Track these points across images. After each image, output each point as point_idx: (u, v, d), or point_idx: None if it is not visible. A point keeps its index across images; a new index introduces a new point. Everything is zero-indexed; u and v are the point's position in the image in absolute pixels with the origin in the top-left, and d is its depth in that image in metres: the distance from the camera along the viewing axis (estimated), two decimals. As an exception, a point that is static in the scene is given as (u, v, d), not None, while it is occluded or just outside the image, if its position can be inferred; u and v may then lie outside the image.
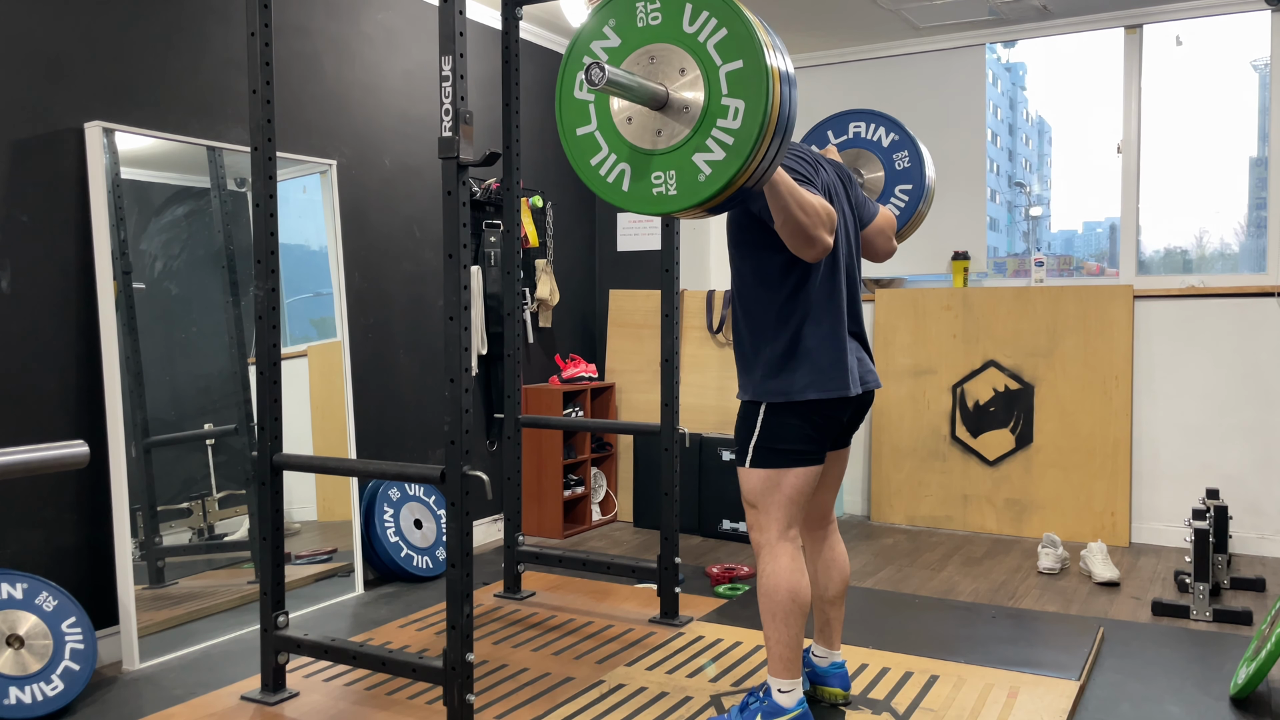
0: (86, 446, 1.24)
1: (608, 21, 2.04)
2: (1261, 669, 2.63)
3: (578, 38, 2.08)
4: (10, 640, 2.71)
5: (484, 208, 4.64)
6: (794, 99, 1.96)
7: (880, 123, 3.01)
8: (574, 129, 2.10)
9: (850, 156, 3.03)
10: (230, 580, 3.50)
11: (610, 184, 2.06)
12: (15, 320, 2.94)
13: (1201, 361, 4.59)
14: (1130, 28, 4.85)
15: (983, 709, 2.65)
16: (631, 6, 2.01)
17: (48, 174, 3.01)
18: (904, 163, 2.98)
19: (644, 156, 2.02)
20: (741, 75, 1.90)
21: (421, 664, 2.52)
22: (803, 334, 2.35)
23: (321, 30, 3.90)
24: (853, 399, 2.42)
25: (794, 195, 2.11)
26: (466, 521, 2.40)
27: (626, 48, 2.02)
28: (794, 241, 2.17)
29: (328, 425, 3.89)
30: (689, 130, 1.96)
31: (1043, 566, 4.17)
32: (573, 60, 2.09)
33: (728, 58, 1.92)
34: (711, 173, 1.94)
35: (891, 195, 3.00)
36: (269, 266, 2.72)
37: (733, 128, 1.91)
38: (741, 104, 1.90)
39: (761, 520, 2.39)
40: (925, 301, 5.07)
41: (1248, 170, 4.74)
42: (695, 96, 1.95)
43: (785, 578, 2.34)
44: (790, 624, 2.34)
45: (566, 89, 2.11)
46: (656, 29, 1.99)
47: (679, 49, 1.96)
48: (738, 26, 1.90)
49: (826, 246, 2.18)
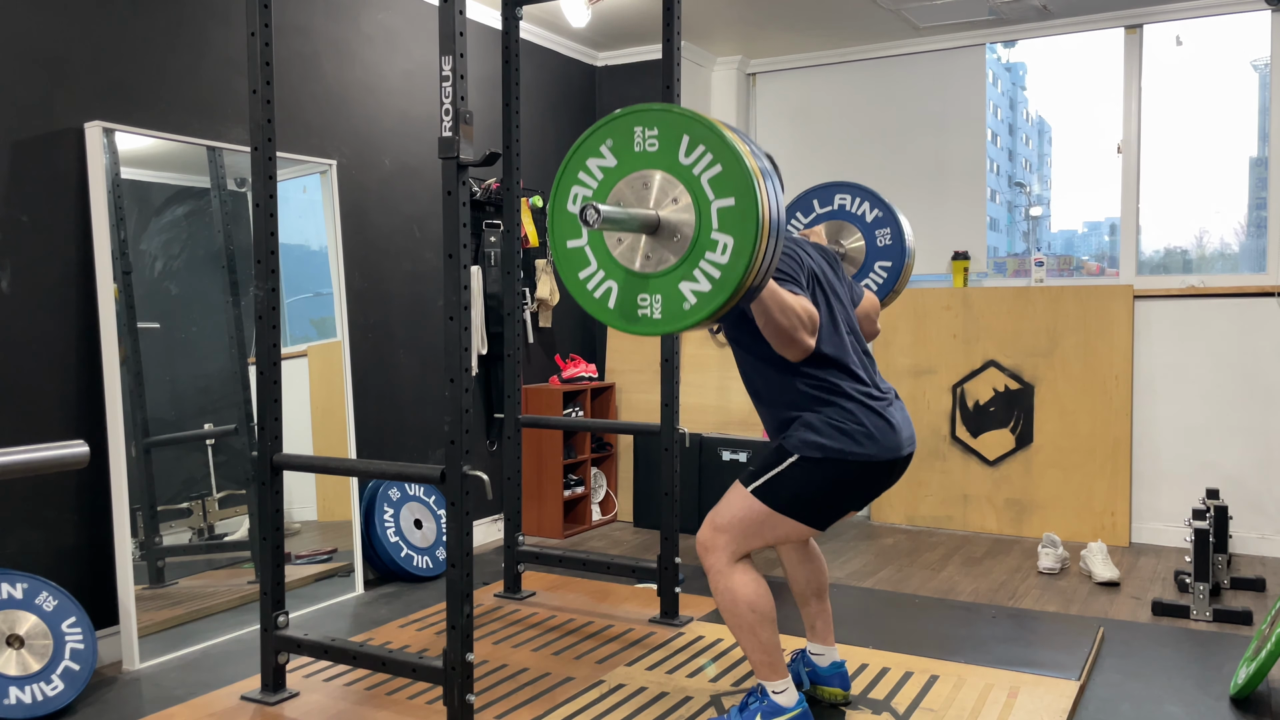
0: (86, 446, 1.24)
1: (605, 141, 2.04)
2: (1261, 669, 2.63)
3: (574, 153, 2.08)
4: (10, 640, 2.71)
5: (484, 208, 4.64)
6: (783, 230, 1.97)
7: (865, 198, 3.07)
8: (564, 241, 2.11)
9: (833, 227, 3.08)
10: (230, 580, 3.50)
11: (596, 300, 2.08)
12: (15, 320, 2.94)
13: (1201, 361, 4.59)
14: (1130, 28, 4.85)
15: (983, 709, 2.65)
16: (630, 130, 2.01)
17: (48, 174, 3.01)
18: (885, 239, 3.04)
19: (632, 277, 2.03)
20: (733, 212, 1.90)
21: (421, 664, 2.52)
22: (835, 395, 2.30)
23: (321, 30, 3.90)
24: (896, 462, 2.35)
25: (775, 298, 2.12)
26: (466, 521, 2.40)
27: (622, 170, 2.03)
28: (775, 342, 2.19)
29: (328, 425, 3.89)
30: (677, 259, 1.97)
31: (1043, 566, 4.17)
32: (567, 174, 2.09)
33: (720, 193, 1.92)
34: (696, 303, 1.95)
35: (871, 271, 3.06)
36: (269, 266, 2.72)
37: (721, 262, 1.92)
38: (731, 241, 1.90)
39: (720, 542, 2.36)
40: (925, 301, 5.07)
41: (1248, 170, 4.74)
42: (686, 227, 1.96)
43: (741, 593, 2.34)
44: (759, 633, 2.35)
45: (560, 203, 2.11)
46: (653, 156, 1.99)
47: (673, 178, 1.97)
48: (732, 165, 1.90)
49: (808, 348, 2.19)
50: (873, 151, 5.48)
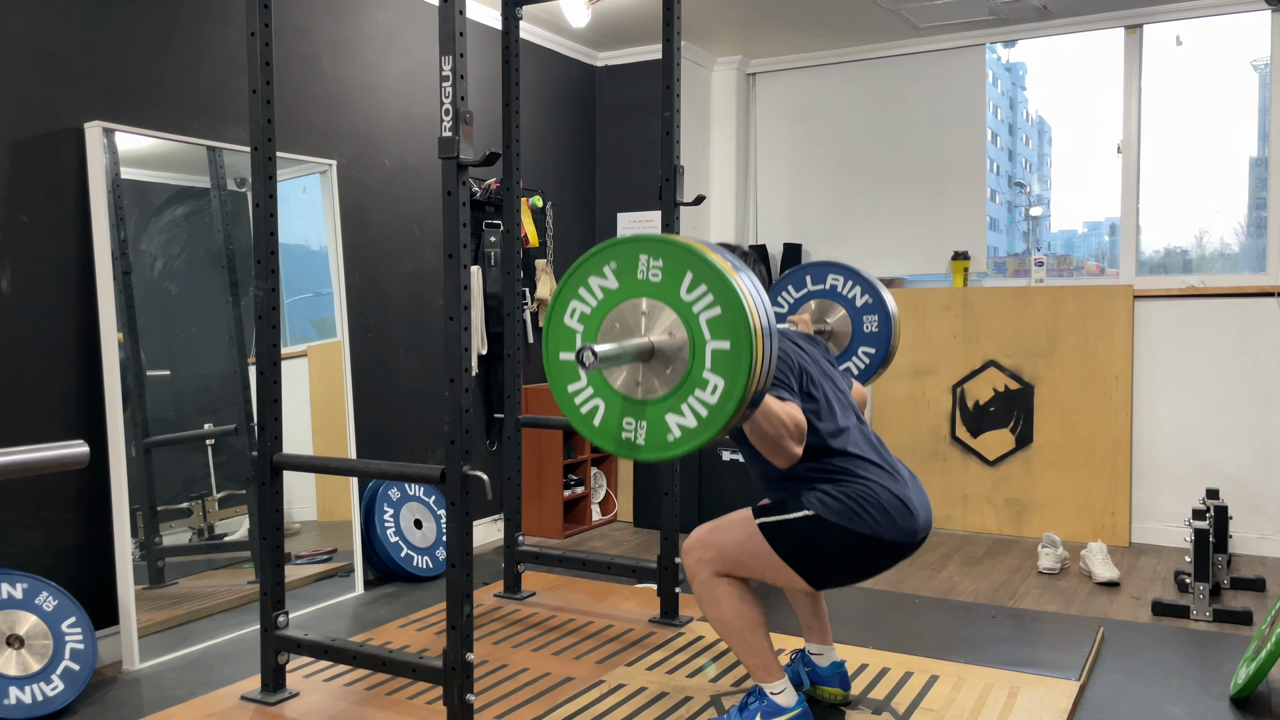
0: (86, 446, 1.24)
1: (609, 262, 2.03)
2: (1261, 669, 2.63)
3: (578, 269, 2.06)
4: (10, 640, 2.71)
5: (484, 208, 4.64)
6: (773, 371, 1.96)
7: (858, 282, 3.10)
8: (557, 353, 2.10)
9: (822, 306, 3.12)
10: (230, 580, 3.50)
11: (582, 415, 2.07)
12: (15, 320, 2.94)
13: (1201, 361, 4.59)
14: (1130, 28, 4.85)
15: (983, 709, 2.65)
16: (635, 257, 2.00)
17: (48, 174, 3.01)
18: (872, 326, 3.07)
19: (619, 399, 2.02)
20: (726, 356, 1.90)
21: (421, 664, 2.52)
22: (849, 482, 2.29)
23: (321, 30, 3.90)
24: (915, 544, 2.34)
25: (762, 409, 2.11)
26: (466, 521, 2.40)
27: (622, 294, 2.02)
28: (761, 449, 2.18)
29: (328, 425, 3.89)
30: (666, 391, 1.97)
31: (1043, 566, 4.17)
32: (568, 289, 2.08)
33: (716, 335, 1.91)
34: (681, 436, 1.95)
35: (854, 354, 3.08)
36: (269, 266, 2.72)
37: (709, 402, 1.92)
38: (722, 383, 1.90)
39: (708, 557, 2.36)
40: (925, 301, 5.07)
41: (1248, 170, 4.74)
42: (679, 362, 1.95)
43: (726, 603, 2.35)
44: (748, 639, 2.35)
45: (557, 315, 2.10)
46: (654, 286, 1.98)
47: (672, 311, 1.96)
48: (731, 308, 1.89)
49: (794, 456, 2.18)
50: (873, 151, 5.48)
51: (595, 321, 2.04)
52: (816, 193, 5.65)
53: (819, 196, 5.64)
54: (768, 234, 5.76)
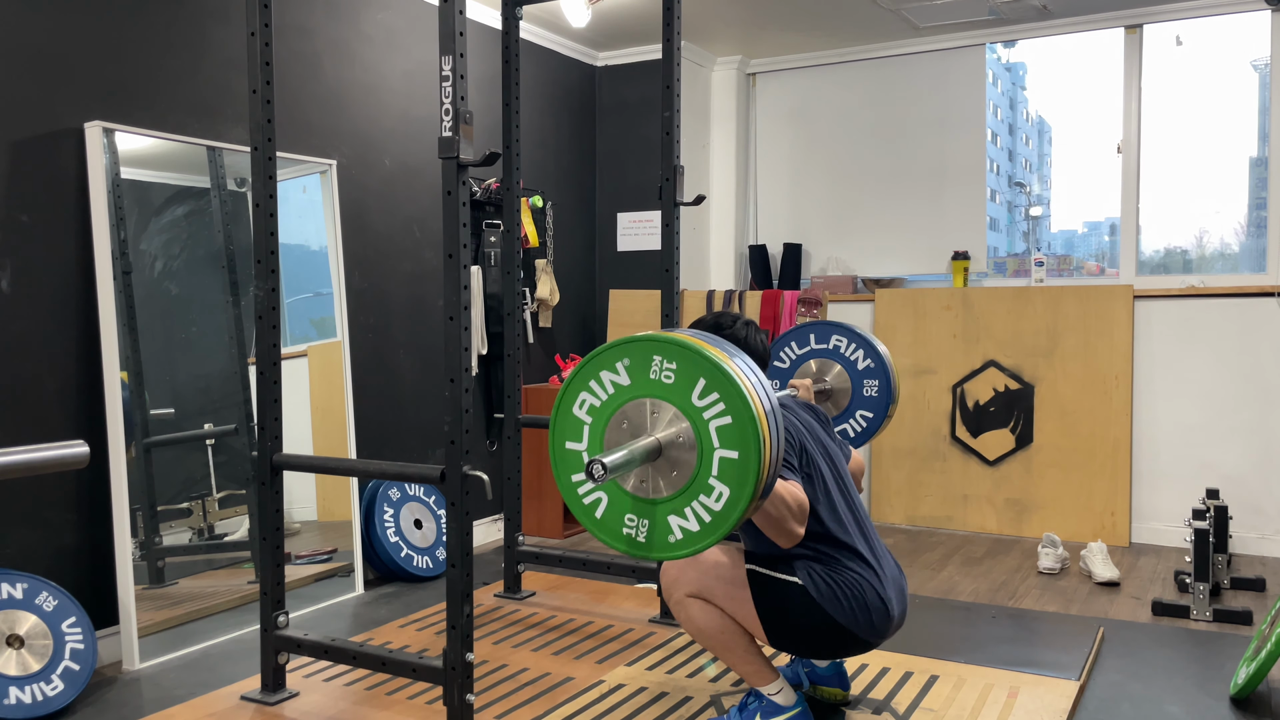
0: (86, 446, 1.24)
1: (622, 359, 2.02)
2: (1261, 669, 2.63)
3: (590, 362, 2.05)
4: (10, 640, 2.71)
5: (484, 208, 4.64)
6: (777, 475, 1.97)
7: (861, 345, 3.12)
8: (564, 442, 2.09)
9: (823, 365, 3.15)
10: (230, 580, 3.50)
11: (585, 505, 2.06)
12: (15, 320, 2.94)
13: (1201, 361, 4.59)
14: (1130, 28, 4.85)
15: (983, 709, 2.65)
16: (649, 357, 1.99)
17: (48, 174, 3.01)
18: (872, 391, 3.09)
19: (623, 495, 2.02)
20: (734, 465, 1.89)
21: (421, 664, 2.52)
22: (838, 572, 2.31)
23: (321, 30, 3.90)
24: (884, 639, 2.38)
25: None
26: (466, 521, 2.40)
27: (633, 391, 2.01)
28: (764, 529, 2.18)
29: (328, 425, 3.89)
30: (671, 493, 1.96)
31: (1043, 566, 4.17)
32: (579, 380, 2.07)
33: (725, 444, 1.90)
34: (683, 539, 1.95)
35: (852, 417, 3.11)
36: (269, 266, 2.72)
37: (714, 509, 1.91)
38: (727, 492, 1.90)
39: (689, 577, 2.38)
40: (925, 301, 5.07)
41: (1248, 170, 4.74)
42: (685, 466, 1.95)
43: (703, 623, 2.37)
44: (732, 647, 2.37)
45: (566, 404, 2.09)
46: (666, 387, 1.97)
47: (681, 415, 1.96)
48: (741, 417, 1.88)
49: (797, 536, 2.19)
50: (873, 151, 5.48)
51: (604, 416, 2.03)
52: (816, 193, 5.65)
53: (819, 196, 5.64)
54: (768, 234, 5.76)
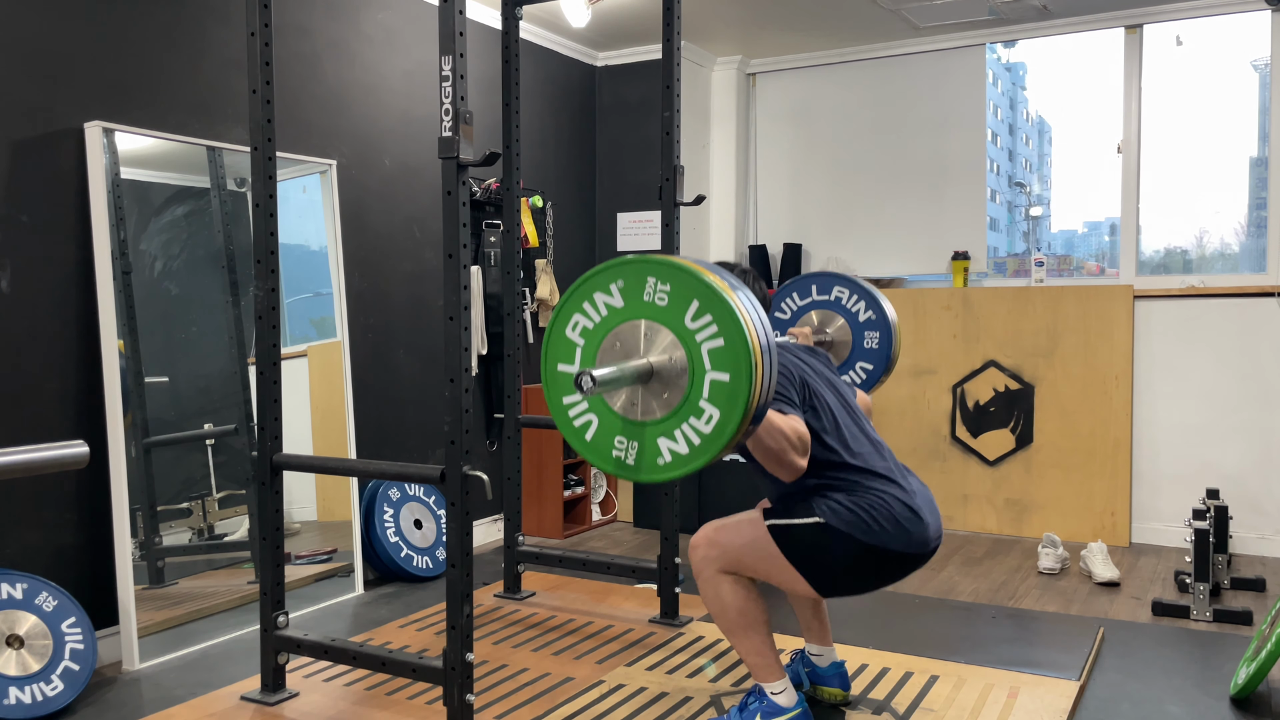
0: (86, 446, 1.24)
1: (617, 280, 2.02)
2: (1261, 669, 2.63)
3: (583, 283, 2.06)
4: (10, 640, 2.71)
5: (484, 208, 4.64)
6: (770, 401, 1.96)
7: (863, 297, 3.09)
8: (556, 364, 2.10)
9: (823, 315, 3.11)
10: (230, 580, 3.50)
11: (575, 428, 2.07)
12: (15, 320, 2.94)
13: (1201, 361, 4.59)
14: (1130, 28, 4.85)
15: (983, 709, 2.65)
16: (643, 279, 1.99)
17: (48, 174, 3.01)
18: (873, 343, 3.06)
19: (613, 418, 2.02)
20: (725, 388, 1.89)
21: (421, 664, 2.52)
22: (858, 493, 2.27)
23: (321, 30, 3.90)
24: (927, 554, 2.31)
25: (764, 424, 2.10)
26: (466, 521, 2.40)
27: (627, 313, 2.01)
28: (765, 463, 2.17)
29: (328, 425, 3.89)
30: (662, 415, 1.96)
31: (1043, 566, 4.17)
32: (572, 301, 2.07)
33: (717, 366, 1.91)
34: (671, 461, 1.96)
35: (852, 368, 3.08)
36: (269, 266, 2.72)
37: (704, 431, 1.92)
38: (717, 414, 1.90)
39: (713, 555, 2.36)
40: (925, 301, 5.07)
41: (1248, 170, 4.74)
42: (676, 388, 1.95)
43: (729, 600, 2.35)
44: (750, 636, 2.35)
45: (559, 326, 2.10)
46: (660, 310, 1.97)
47: (675, 337, 1.96)
48: (734, 340, 1.89)
49: (799, 469, 2.17)
50: (873, 151, 5.48)
51: (597, 337, 2.04)
52: (816, 193, 5.65)
53: (819, 196, 5.64)
54: (768, 234, 5.76)
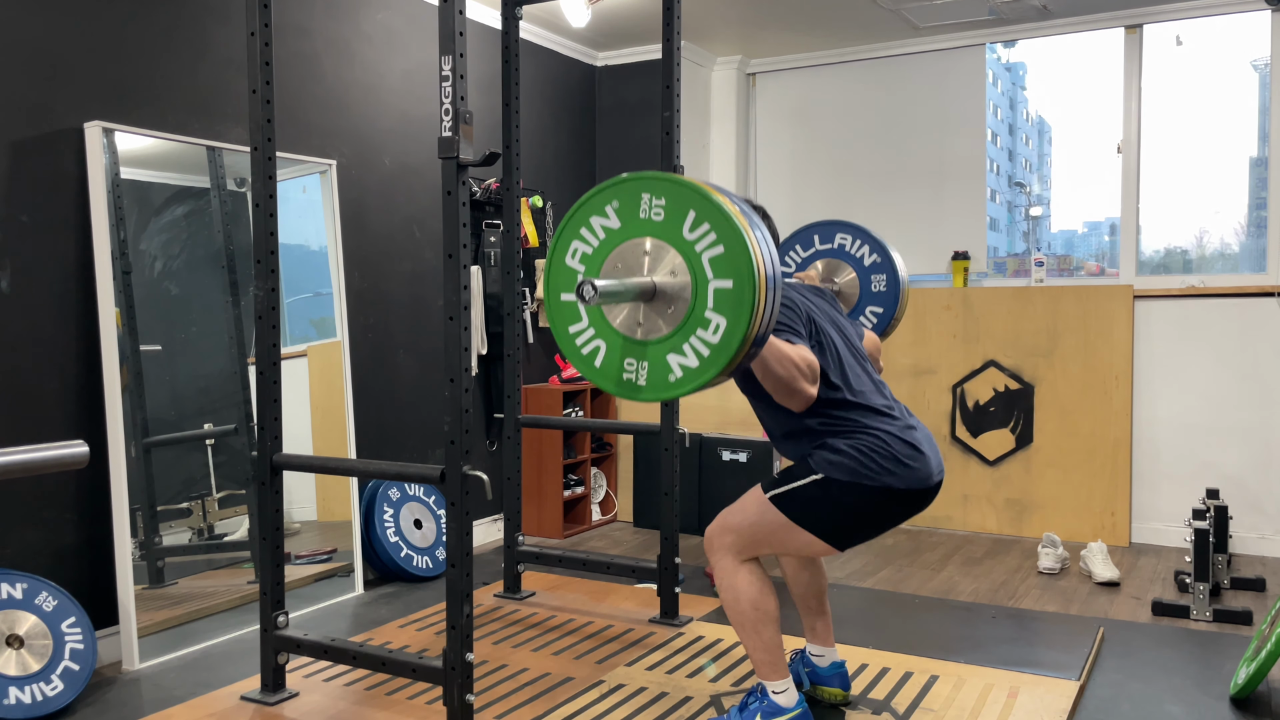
0: (86, 446, 1.24)
1: (611, 201, 2.02)
2: (1261, 669, 2.63)
3: (579, 209, 2.06)
4: (10, 640, 2.71)
5: (484, 208, 4.64)
6: (776, 313, 1.96)
7: (866, 241, 3.07)
8: (558, 293, 2.10)
9: (830, 265, 3.09)
10: (230, 580, 3.50)
11: (584, 356, 2.07)
12: (15, 320, 2.94)
13: (1201, 361, 4.59)
14: (1130, 28, 4.85)
15: (983, 709, 2.65)
16: (637, 196, 1.99)
17: (48, 174, 3.01)
18: (880, 286, 3.04)
19: (620, 340, 2.02)
20: (729, 295, 1.89)
21: (421, 664, 2.52)
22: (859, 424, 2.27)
23: (321, 30, 3.90)
24: (927, 491, 2.31)
25: (773, 351, 2.11)
26: (466, 521, 2.40)
27: (624, 233, 2.01)
28: (776, 394, 2.16)
29: (328, 425, 3.89)
30: (668, 331, 1.96)
31: (1043, 566, 4.17)
32: (569, 228, 2.07)
33: (719, 274, 1.90)
34: (682, 376, 1.95)
35: (862, 314, 3.07)
36: (269, 266, 2.72)
37: (711, 341, 1.91)
38: (724, 321, 1.89)
39: (728, 541, 2.37)
40: (925, 301, 5.07)
41: (1248, 170, 4.74)
42: (681, 301, 1.95)
43: (744, 591, 2.34)
44: (760, 631, 2.35)
45: (559, 254, 2.10)
46: (656, 225, 1.97)
47: (675, 250, 1.95)
48: (735, 246, 1.89)
49: (809, 397, 2.17)
50: (873, 151, 5.48)
51: (597, 262, 2.03)
52: (816, 193, 5.65)
53: (819, 196, 5.64)
54: (768, 234, 5.75)
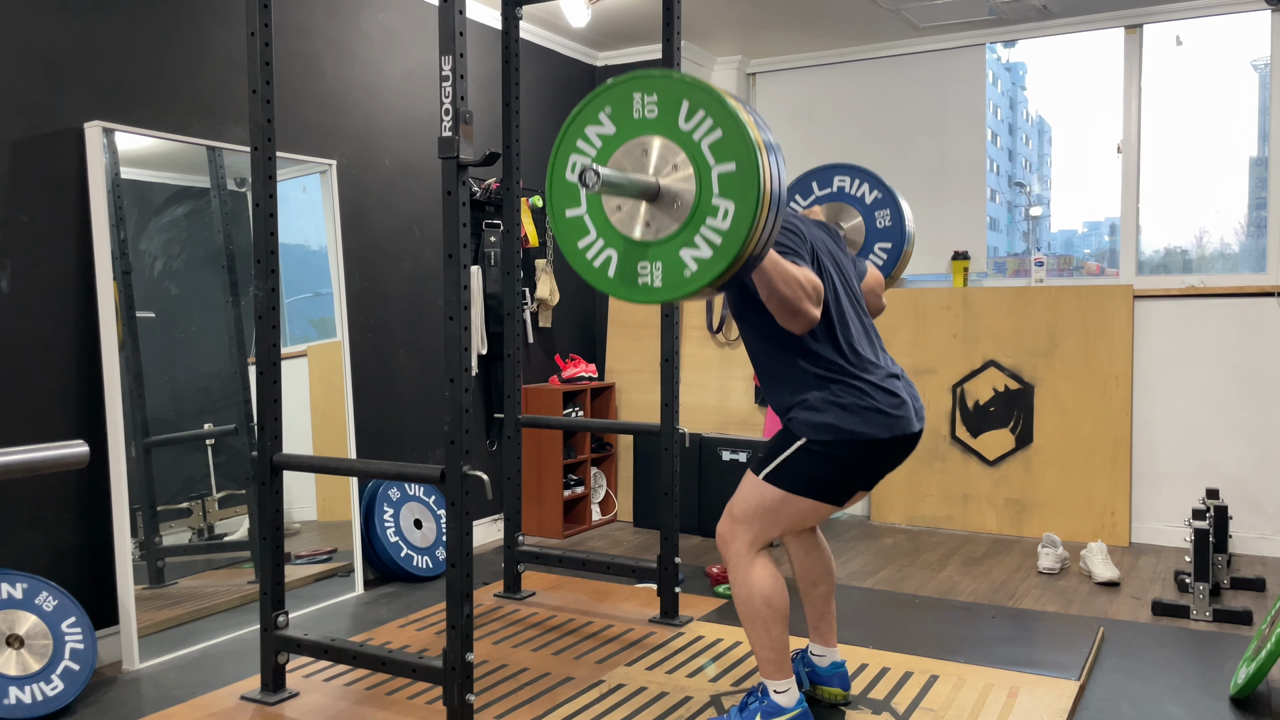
0: (86, 446, 1.24)
1: (604, 108, 2.02)
2: (1261, 669, 2.63)
3: (572, 121, 2.06)
4: (10, 640, 2.71)
5: (484, 208, 4.64)
6: (784, 198, 1.96)
7: (864, 179, 3.05)
8: (563, 210, 2.10)
9: (832, 209, 3.06)
10: (230, 580, 3.50)
11: (596, 269, 2.06)
12: (15, 320, 2.94)
13: (1201, 361, 4.59)
14: (1130, 28, 4.85)
15: (983, 709, 2.65)
16: (629, 97, 1.99)
17: (48, 174, 3.01)
18: (885, 221, 3.02)
19: (631, 246, 2.02)
20: (734, 178, 1.89)
21: (421, 664, 2.52)
22: (844, 373, 2.29)
23: (321, 30, 3.90)
24: (909, 438, 2.33)
25: (778, 270, 2.11)
26: (466, 521, 2.40)
27: (621, 137, 2.01)
28: (780, 314, 2.17)
29: (328, 425, 3.89)
30: (678, 226, 1.95)
31: (1043, 566, 4.17)
32: (565, 143, 2.08)
33: (721, 159, 1.90)
34: (697, 269, 1.94)
35: (871, 252, 3.04)
36: (269, 266, 2.72)
37: (721, 228, 1.91)
38: (732, 206, 1.89)
39: (738, 531, 2.38)
40: (925, 301, 5.07)
41: (1248, 170, 4.74)
42: (686, 193, 1.94)
43: (758, 585, 2.35)
44: (769, 628, 2.35)
45: (558, 171, 2.09)
46: (652, 122, 1.97)
47: (673, 144, 1.95)
48: (733, 129, 1.89)
49: (813, 319, 2.17)
50: (873, 151, 5.47)
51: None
52: (816, 193, 5.65)
53: (819, 196, 5.64)
54: (768, 234, 5.75)
